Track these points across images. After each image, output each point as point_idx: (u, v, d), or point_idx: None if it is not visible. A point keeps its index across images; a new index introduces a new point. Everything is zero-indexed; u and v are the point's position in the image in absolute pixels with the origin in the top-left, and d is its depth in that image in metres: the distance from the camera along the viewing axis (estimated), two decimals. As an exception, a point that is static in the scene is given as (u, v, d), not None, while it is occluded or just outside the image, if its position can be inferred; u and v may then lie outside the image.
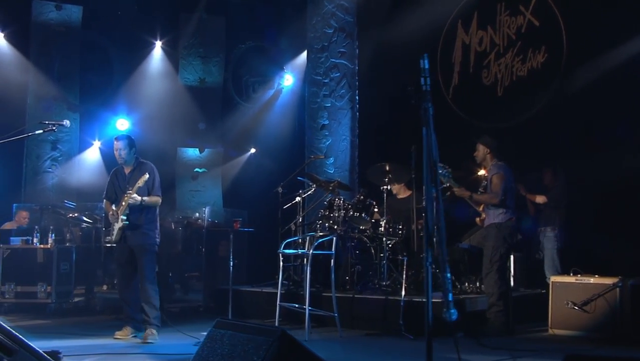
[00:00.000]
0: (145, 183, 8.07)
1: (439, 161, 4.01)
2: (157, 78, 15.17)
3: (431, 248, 3.90)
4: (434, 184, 3.97)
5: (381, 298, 8.95)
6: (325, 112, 13.02)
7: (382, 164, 9.78)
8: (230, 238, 9.26)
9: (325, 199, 10.50)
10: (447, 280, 3.94)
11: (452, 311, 3.92)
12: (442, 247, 4.01)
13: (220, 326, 4.50)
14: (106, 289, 12.21)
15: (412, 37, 12.85)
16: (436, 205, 3.94)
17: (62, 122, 7.38)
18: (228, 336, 4.25)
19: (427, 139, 3.97)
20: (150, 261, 8.29)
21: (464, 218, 9.97)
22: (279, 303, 8.61)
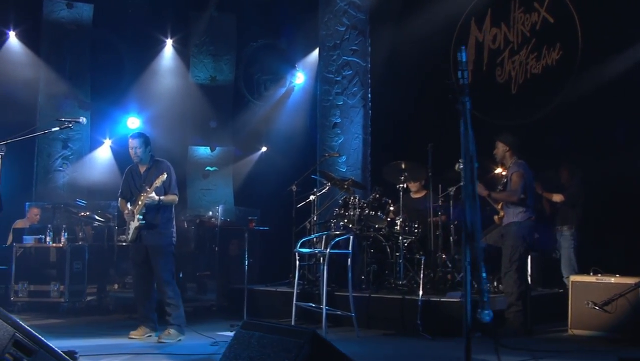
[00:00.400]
0: (163, 182, 8.00)
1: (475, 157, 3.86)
2: (168, 76, 15.11)
3: (470, 245, 3.78)
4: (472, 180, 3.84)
5: (398, 298, 8.86)
6: (337, 110, 12.92)
7: (398, 162, 9.69)
8: (245, 237, 9.17)
9: (340, 197, 10.42)
10: (483, 280, 3.82)
11: (487, 311, 3.82)
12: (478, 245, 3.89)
13: (248, 327, 4.42)
14: (117, 288, 12.14)
15: (425, 34, 12.82)
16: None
17: (78, 120, 7.30)
18: (256, 338, 4.16)
19: (464, 134, 3.84)
20: (166, 262, 8.19)
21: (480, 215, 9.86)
22: (295, 303, 8.52)
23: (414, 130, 12.79)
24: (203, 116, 14.72)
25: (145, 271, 8.32)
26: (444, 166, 9.49)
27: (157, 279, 8.18)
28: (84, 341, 7.87)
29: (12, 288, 10.40)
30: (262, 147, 15.43)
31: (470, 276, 3.88)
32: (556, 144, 11.02)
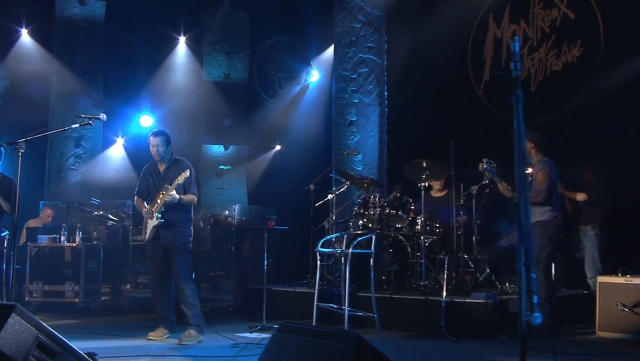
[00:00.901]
0: (184, 180, 7.86)
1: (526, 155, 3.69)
2: (181, 74, 14.96)
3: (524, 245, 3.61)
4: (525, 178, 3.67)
5: (420, 299, 8.70)
6: (353, 109, 12.75)
7: (419, 161, 9.53)
8: (265, 237, 9.00)
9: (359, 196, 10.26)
10: (533, 281, 3.65)
11: (537, 314, 3.64)
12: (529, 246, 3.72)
13: (285, 330, 4.25)
14: (129, 288, 11.97)
15: (442, 31, 12.64)
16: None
17: (98, 116, 7.18)
18: (295, 342, 3.98)
19: (517, 130, 3.67)
20: (185, 260, 8.07)
21: (503, 215, 9.71)
22: (316, 304, 8.36)
23: (431, 128, 12.63)
24: (217, 114, 14.56)
25: (163, 270, 8.18)
26: (465, 164, 9.35)
27: (176, 278, 8.04)
28: (101, 343, 7.73)
29: (27, 288, 10.25)
30: (276, 145, 15.24)
31: (524, 277, 3.65)
32: (577, 142, 10.82)
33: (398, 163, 12.51)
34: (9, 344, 4.29)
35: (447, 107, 12.61)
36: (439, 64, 12.81)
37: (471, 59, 12.70)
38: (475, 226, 9.34)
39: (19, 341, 4.36)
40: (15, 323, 4.42)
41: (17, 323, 4.44)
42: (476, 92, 12.51)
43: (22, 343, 4.38)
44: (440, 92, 12.73)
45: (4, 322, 4.39)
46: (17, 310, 4.52)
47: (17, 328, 4.41)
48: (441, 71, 12.77)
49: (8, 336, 4.33)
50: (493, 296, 8.34)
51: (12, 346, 4.31)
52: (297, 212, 11.57)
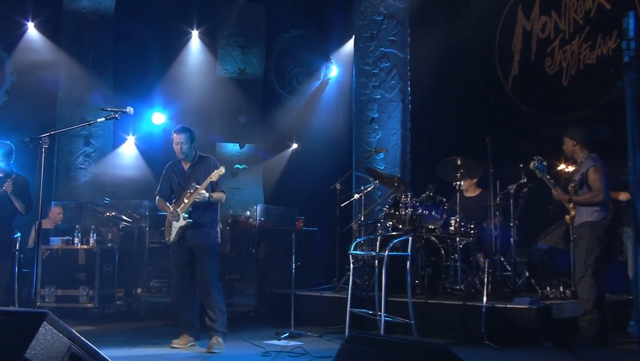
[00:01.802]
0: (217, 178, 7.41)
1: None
2: (194, 69, 14.47)
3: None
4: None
5: (458, 304, 8.21)
6: (374, 105, 12.29)
7: (454, 158, 9.04)
8: (293, 238, 8.51)
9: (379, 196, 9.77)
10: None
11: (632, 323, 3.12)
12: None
13: (355, 341, 3.73)
14: (140, 292, 11.44)
15: (468, 24, 12.22)
16: None
17: (125, 109, 6.72)
18: (370, 355, 3.46)
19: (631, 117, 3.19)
20: (213, 263, 7.63)
21: (542, 215, 9.21)
22: (349, 309, 7.85)
23: (456, 125, 12.15)
24: (232, 111, 14.03)
25: (189, 274, 7.72)
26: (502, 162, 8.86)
27: (203, 281, 7.59)
28: (123, 351, 7.31)
29: (39, 293, 9.70)
30: (293, 144, 14.71)
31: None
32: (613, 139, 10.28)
33: (421, 161, 12.09)
34: (40, 355, 3.99)
35: (473, 103, 12.13)
36: (465, 58, 12.32)
37: (498, 53, 12.19)
38: (514, 227, 8.80)
39: (51, 353, 4.06)
40: (46, 332, 4.11)
41: (49, 332, 4.13)
42: (504, 88, 12.00)
43: (54, 354, 4.08)
44: (465, 87, 12.24)
45: (35, 332, 4.07)
46: (49, 318, 4.18)
47: (48, 338, 4.10)
48: (467, 65, 12.27)
49: (39, 346, 4.03)
50: (537, 301, 7.85)
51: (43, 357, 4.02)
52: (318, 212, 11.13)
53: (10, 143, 8.87)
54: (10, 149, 8.78)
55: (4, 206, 8.51)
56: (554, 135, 10.45)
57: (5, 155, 8.73)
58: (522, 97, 11.77)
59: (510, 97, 11.91)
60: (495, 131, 11.48)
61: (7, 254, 8.71)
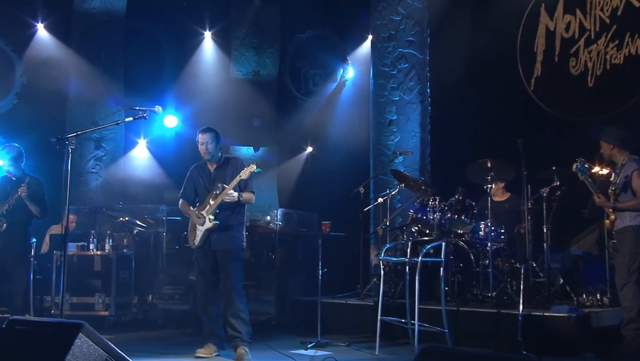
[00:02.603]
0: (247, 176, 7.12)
1: None
2: (207, 71, 14.17)
3: None
4: None
5: (492, 312, 7.91)
6: (393, 107, 11.98)
7: (484, 161, 8.77)
8: (319, 244, 8.20)
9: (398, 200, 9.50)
10: None
11: None
12: None
13: (431, 355, 3.42)
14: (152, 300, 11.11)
15: (489, 24, 11.94)
16: None
17: (153, 109, 6.48)
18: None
19: None
20: (238, 269, 7.33)
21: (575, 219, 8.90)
22: (380, 318, 7.54)
23: (478, 128, 11.82)
24: (246, 113, 13.70)
25: (213, 281, 7.43)
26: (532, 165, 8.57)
27: (227, 288, 7.29)
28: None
29: (53, 300, 9.44)
30: (308, 147, 14.40)
31: None
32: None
33: (441, 165, 11.80)
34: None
35: (494, 106, 11.80)
36: (485, 59, 11.99)
37: (520, 54, 11.88)
38: (548, 231, 8.49)
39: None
40: (82, 344, 4.03)
41: (85, 343, 4.05)
42: (526, 89, 11.69)
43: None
44: (486, 89, 11.92)
45: (71, 343, 3.96)
46: (85, 330, 4.11)
47: (84, 350, 4.02)
48: (488, 66, 11.94)
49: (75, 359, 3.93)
50: (576, 309, 7.54)
51: (79, 370, 3.81)
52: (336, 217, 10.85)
53: (19, 146, 8.59)
54: (20, 152, 8.51)
55: (19, 211, 8.24)
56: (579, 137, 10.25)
57: (14, 159, 8.45)
58: (545, 99, 11.46)
59: (533, 98, 11.60)
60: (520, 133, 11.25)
61: (24, 260, 8.43)
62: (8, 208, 8.16)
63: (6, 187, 8.38)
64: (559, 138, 10.87)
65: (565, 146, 10.34)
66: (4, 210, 8.17)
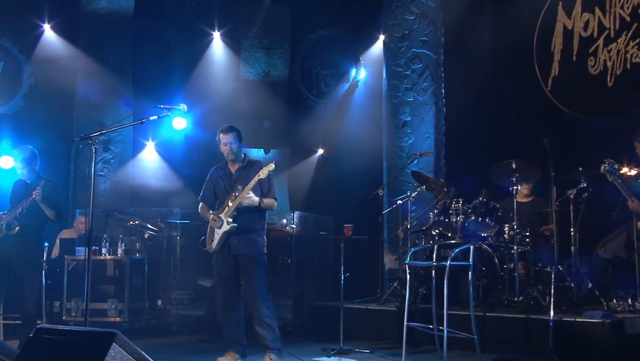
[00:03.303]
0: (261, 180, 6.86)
1: None
2: (216, 72, 13.88)
3: None
4: None
5: (521, 318, 7.68)
6: (407, 108, 11.79)
7: (509, 162, 8.54)
8: (341, 247, 7.96)
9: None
10: None
11: None
12: None
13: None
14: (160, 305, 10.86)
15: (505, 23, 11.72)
16: None
17: (178, 106, 6.30)
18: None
19: None
20: (260, 273, 7.09)
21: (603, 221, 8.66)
22: (406, 324, 7.29)
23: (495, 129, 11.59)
24: (256, 115, 13.42)
25: (233, 286, 7.19)
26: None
27: (251, 294, 7.05)
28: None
29: (65, 306, 9.20)
30: (319, 149, 14.15)
31: None
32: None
33: (456, 167, 11.58)
34: (109, 378, 3.56)
35: (511, 106, 11.59)
36: (501, 59, 11.79)
37: (537, 53, 11.63)
38: (576, 234, 8.25)
39: (121, 376, 3.63)
40: (116, 354, 3.82)
41: (119, 354, 3.84)
42: (543, 89, 11.45)
43: (124, 377, 3.67)
44: (502, 89, 11.69)
45: (105, 353, 3.76)
46: (118, 339, 3.88)
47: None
48: (504, 66, 11.73)
49: None
50: (609, 315, 7.29)
51: (113, 380, 3.61)
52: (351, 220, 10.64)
53: (33, 148, 8.33)
54: (34, 153, 8.25)
55: (33, 214, 7.97)
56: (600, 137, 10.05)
57: (28, 160, 8.19)
58: (563, 99, 11.21)
59: (551, 99, 11.36)
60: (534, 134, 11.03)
61: (36, 265, 8.18)
62: (21, 211, 7.89)
63: (20, 190, 8.13)
64: (577, 139, 10.65)
65: (584, 146, 10.15)
66: (17, 213, 7.90)
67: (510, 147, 10.99)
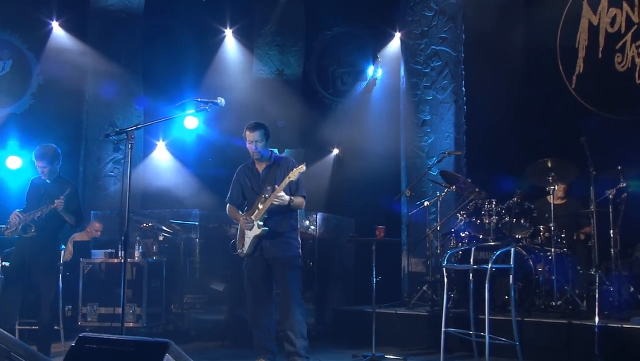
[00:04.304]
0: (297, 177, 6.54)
1: None
2: (229, 70, 13.58)
3: None
4: None
5: (563, 323, 7.36)
6: (426, 107, 11.43)
7: (544, 161, 8.24)
8: (373, 249, 7.62)
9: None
10: None
11: None
12: None
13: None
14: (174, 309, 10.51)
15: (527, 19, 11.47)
16: None
17: (216, 100, 5.97)
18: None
19: None
20: (295, 277, 6.75)
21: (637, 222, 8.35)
22: (444, 330, 6.96)
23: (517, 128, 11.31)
24: (270, 114, 13.07)
25: (265, 291, 6.87)
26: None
27: (285, 299, 6.72)
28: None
29: (80, 311, 8.85)
30: (334, 149, 13.82)
31: None
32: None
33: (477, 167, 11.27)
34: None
35: (533, 104, 11.31)
36: (524, 56, 11.51)
37: (561, 50, 11.34)
38: (617, 236, 7.91)
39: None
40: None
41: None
42: (567, 87, 11.16)
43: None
44: (525, 87, 11.41)
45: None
46: (172, 350, 3.72)
47: None
48: (526, 63, 11.47)
49: None
50: (660, 321, 6.98)
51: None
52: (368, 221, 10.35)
53: (55, 146, 7.92)
54: (56, 152, 7.79)
55: (51, 218, 7.55)
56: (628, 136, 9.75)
57: (50, 160, 7.72)
58: (588, 97, 10.94)
59: (575, 97, 11.07)
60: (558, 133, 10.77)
61: (53, 269, 7.78)
62: (40, 215, 7.49)
63: (39, 190, 7.70)
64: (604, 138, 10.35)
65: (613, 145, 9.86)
66: (35, 216, 7.50)
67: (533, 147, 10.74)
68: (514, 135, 11.22)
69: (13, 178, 11.57)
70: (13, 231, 7.55)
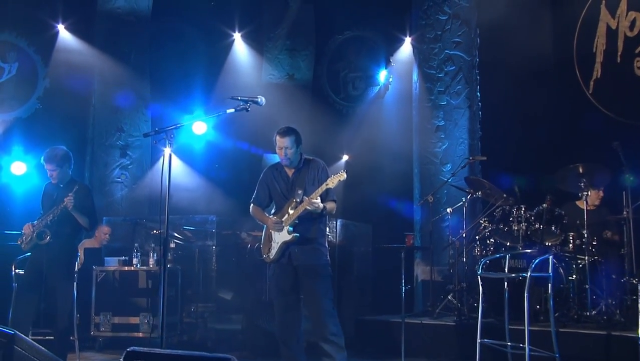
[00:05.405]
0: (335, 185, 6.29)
1: None
2: (237, 74, 13.32)
3: None
4: None
5: (601, 334, 7.12)
6: (440, 112, 11.22)
7: (575, 166, 8.07)
8: (402, 257, 7.37)
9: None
10: None
11: None
12: None
13: None
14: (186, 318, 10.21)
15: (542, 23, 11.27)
16: None
17: (256, 99, 5.72)
18: None
19: None
20: (327, 286, 6.45)
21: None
22: (479, 341, 6.72)
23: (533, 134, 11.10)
24: (279, 119, 12.81)
25: (293, 300, 6.57)
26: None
27: (316, 310, 6.40)
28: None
29: (93, 320, 8.55)
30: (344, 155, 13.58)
31: None
32: None
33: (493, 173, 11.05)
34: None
35: (550, 110, 11.13)
36: (540, 61, 11.30)
37: (577, 55, 11.16)
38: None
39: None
40: None
41: None
42: (585, 92, 10.97)
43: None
44: (541, 93, 11.21)
45: None
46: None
47: None
48: (542, 68, 11.26)
49: None
50: None
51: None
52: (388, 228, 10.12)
53: (66, 148, 7.66)
54: (67, 154, 7.55)
55: (65, 222, 7.27)
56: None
57: (60, 162, 7.48)
58: (606, 103, 10.77)
59: (592, 102, 10.89)
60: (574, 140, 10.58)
61: (69, 277, 7.48)
62: (52, 219, 7.23)
63: (52, 194, 7.44)
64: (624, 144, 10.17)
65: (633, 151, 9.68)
66: (48, 221, 7.24)
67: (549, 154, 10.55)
68: (529, 141, 11.01)
69: (18, 184, 11.28)
70: (29, 242, 7.28)
